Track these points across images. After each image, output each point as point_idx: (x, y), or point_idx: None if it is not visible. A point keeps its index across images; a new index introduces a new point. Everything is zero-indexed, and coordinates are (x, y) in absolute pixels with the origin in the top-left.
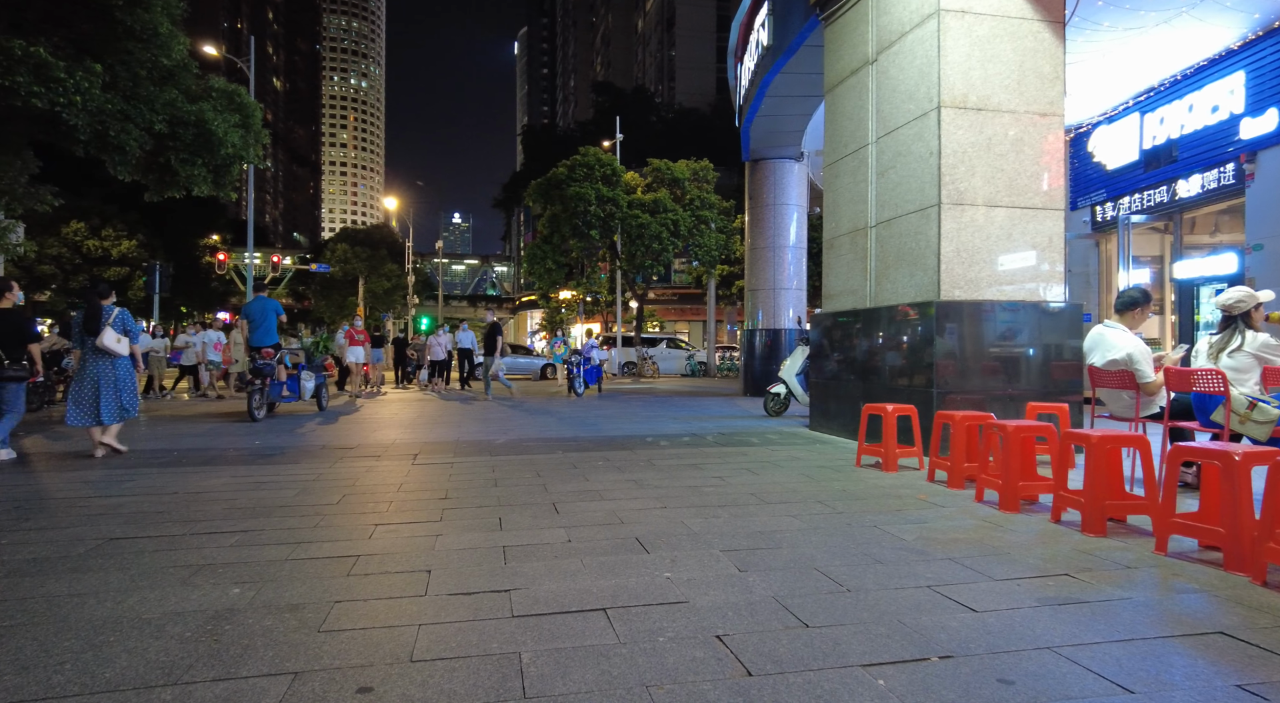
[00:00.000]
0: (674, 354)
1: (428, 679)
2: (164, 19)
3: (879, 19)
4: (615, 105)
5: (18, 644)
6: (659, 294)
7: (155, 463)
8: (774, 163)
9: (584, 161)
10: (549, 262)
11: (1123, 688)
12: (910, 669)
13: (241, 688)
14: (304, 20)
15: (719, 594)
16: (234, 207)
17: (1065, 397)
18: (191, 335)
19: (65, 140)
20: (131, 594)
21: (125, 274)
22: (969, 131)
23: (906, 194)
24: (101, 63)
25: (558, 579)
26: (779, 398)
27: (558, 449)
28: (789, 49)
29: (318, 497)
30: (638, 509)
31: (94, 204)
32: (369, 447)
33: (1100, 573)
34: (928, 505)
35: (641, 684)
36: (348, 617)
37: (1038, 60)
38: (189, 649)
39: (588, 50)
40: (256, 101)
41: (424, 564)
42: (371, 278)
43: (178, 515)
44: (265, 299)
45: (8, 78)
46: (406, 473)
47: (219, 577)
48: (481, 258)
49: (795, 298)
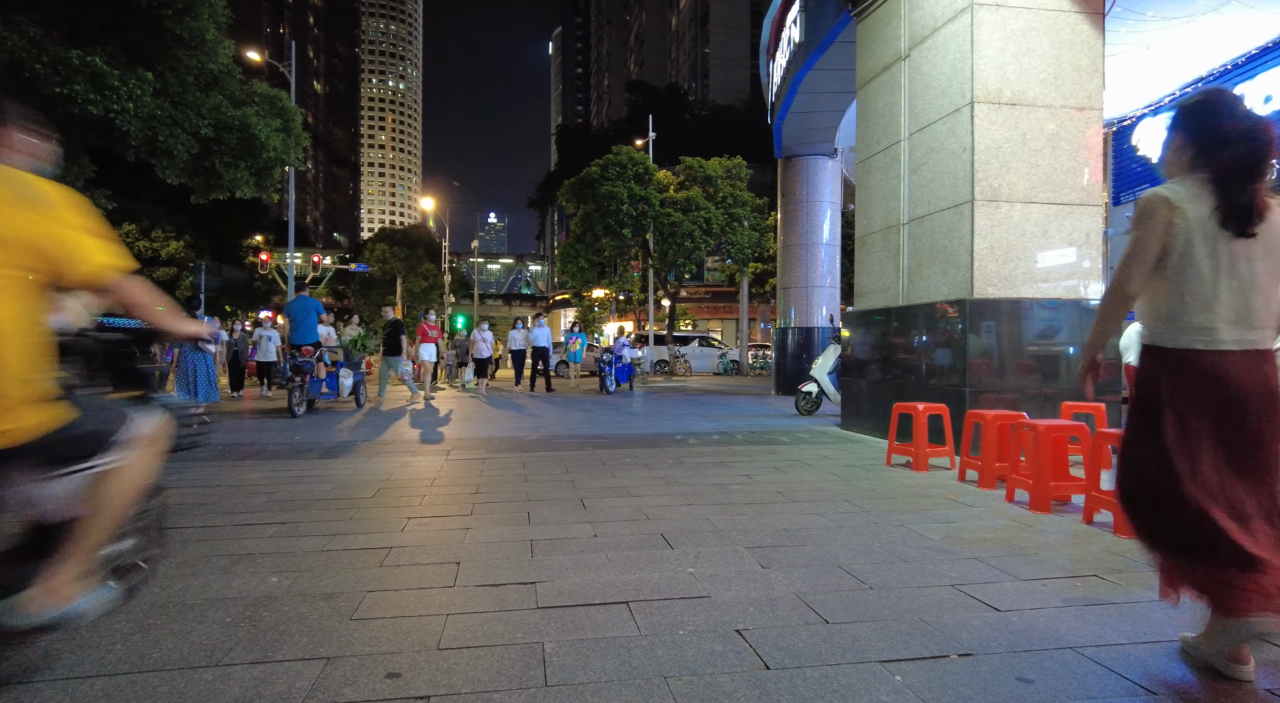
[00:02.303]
0: (706, 352)
1: (454, 667)
2: (210, 26)
3: (911, 14)
4: (649, 103)
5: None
6: (691, 292)
7: (200, 457)
8: (807, 160)
9: (616, 161)
10: (582, 260)
11: (1145, 689)
12: (929, 666)
13: (277, 671)
14: (343, 24)
15: (741, 590)
16: (276, 208)
17: (1102, 396)
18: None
19: (118, 145)
20: (176, 581)
21: (173, 274)
22: (1003, 127)
23: (939, 191)
24: (152, 70)
25: (582, 573)
26: (810, 396)
27: (587, 446)
28: (821, 45)
29: (353, 491)
30: (664, 506)
31: (144, 207)
32: (404, 442)
33: (1130, 575)
34: (956, 505)
35: (660, 675)
36: (379, 606)
37: (1075, 53)
38: (229, 633)
39: (622, 49)
40: (297, 106)
41: (453, 556)
42: (409, 277)
43: (220, 507)
44: (307, 298)
45: (66, 86)
46: (439, 468)
47: (258, 566)
48: (516, 257)
49: (828, 296)
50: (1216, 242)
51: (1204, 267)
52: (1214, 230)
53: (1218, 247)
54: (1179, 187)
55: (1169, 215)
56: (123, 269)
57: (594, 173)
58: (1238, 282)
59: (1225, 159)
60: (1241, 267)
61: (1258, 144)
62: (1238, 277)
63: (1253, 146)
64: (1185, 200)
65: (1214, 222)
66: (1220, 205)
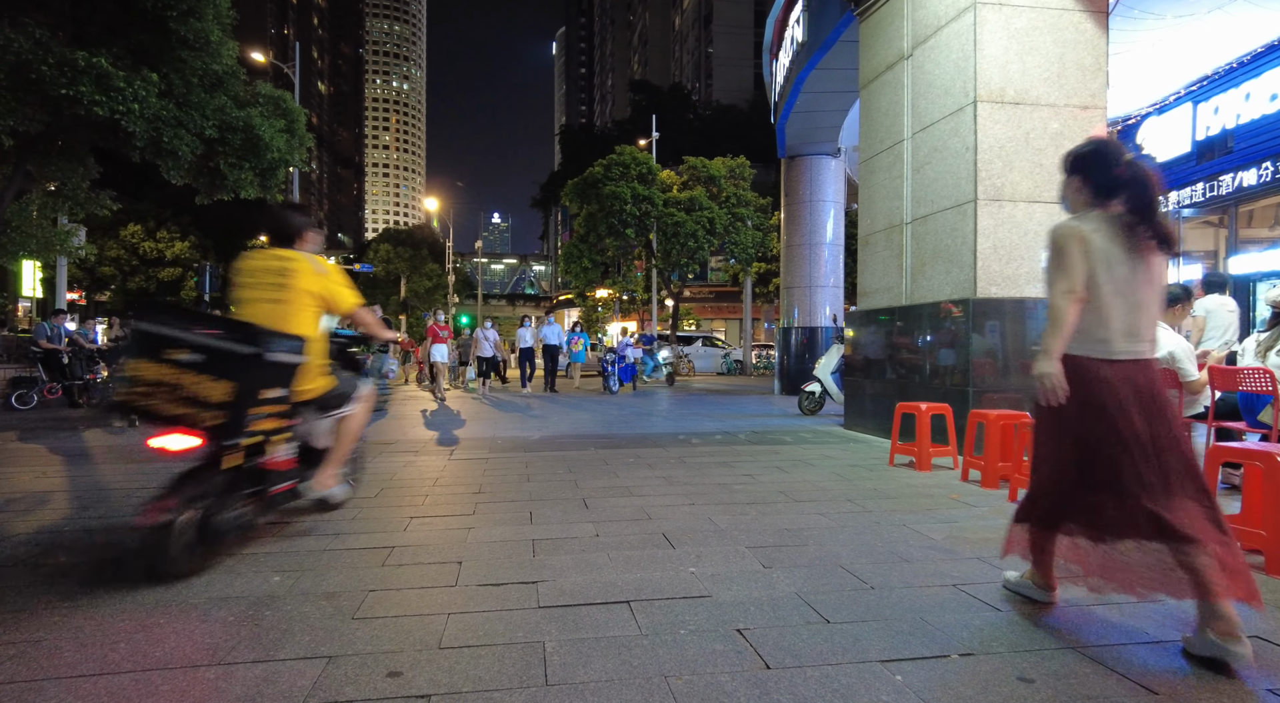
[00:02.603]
0: (710, 352)
1: (454, 665)
2: (215, 28)
3: (914, 13)
4: (652, 103)
5: (77, 624)
6: (695, 292)
7: None
8: (810, 159)
9: (620, 161)
10: (585, 260)
11: (1147, 690)
12: (929, 666)
13: (279, 670)
14: (348, 25)
15: (742, 589)
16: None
17: None
18: None
19: (123, 146)
20: (179, 580)
21: (178, 275)
22: (1006, 126)
23: (942, 190)
24: (157, 71)
25: (584, 572)
26: (814, 396)
27: (590, 446)
28: (824, 45)
29: (357, 490)
30: (666, 506)
31: (150, 207)
32: (408, 442)
33: None
34: (959, 505)
35: (660, 675)
36: (381, 605)
37: (1079, 52)
38: (232, 632)
39: (625, 49)
40: (301, 107)
41: (456, 556)
42: (413, 277)
43: None
44: None
45: (72, 88)
46: (443, 468)
47: (261, 565)
48: (520, 257)
49: (832, 295)
50: (1112, 267)
51: (1104, 288)
52: (1110, 257)
53: (1113, 271)
54: (1084, 221)
55: (1082, 244)
56: (359, 304)
57: (597, 173)
58: (1127, 301)
59: (1121, 199)
60: (1130, 289)
61: (1145, 187)
62: (1127, 297)
63: (1142, 189)
64: (1090, 232)
65: (1112, 250)
66: (1121, 237)
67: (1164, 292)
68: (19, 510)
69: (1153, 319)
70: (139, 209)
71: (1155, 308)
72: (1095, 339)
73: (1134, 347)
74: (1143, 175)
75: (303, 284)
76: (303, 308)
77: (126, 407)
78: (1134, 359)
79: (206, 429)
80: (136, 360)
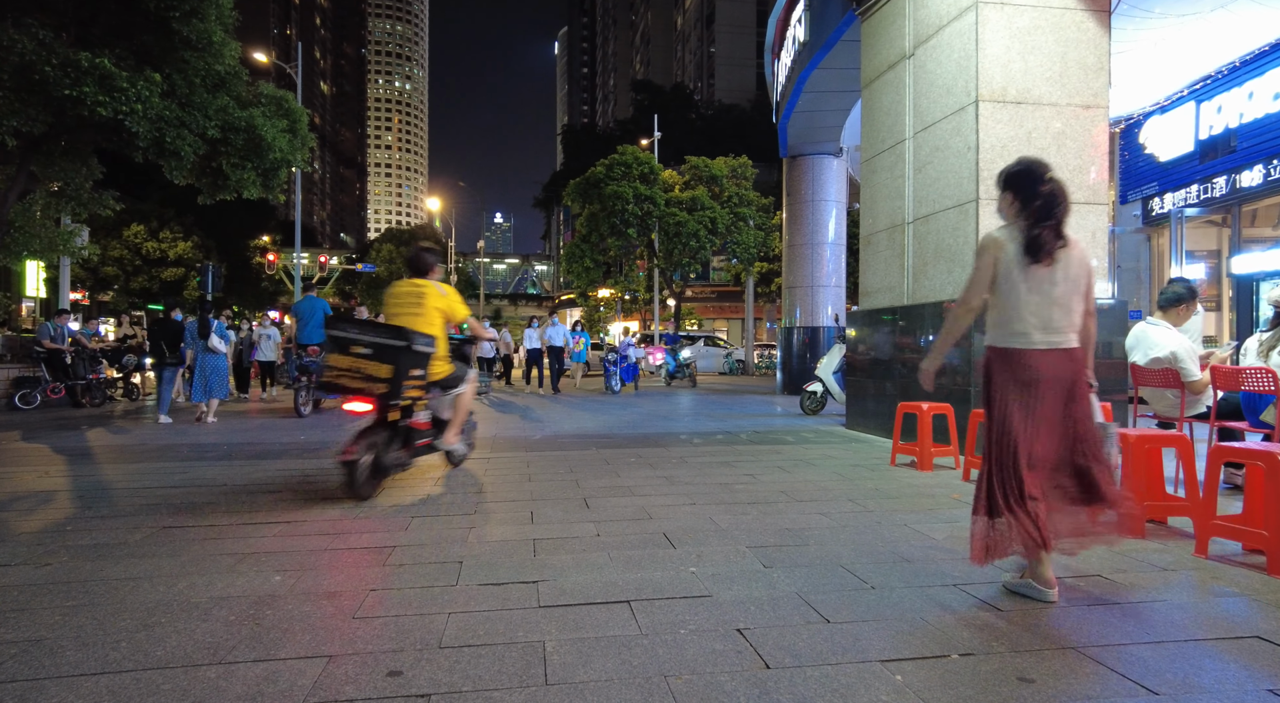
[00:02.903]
0: (712, 352)
1: (454, 665)
2: (217, 28)
3: (916, 12)
4: (654, 103)
5: (79, 623)
6: (697, 292)
7: (207, 457)
8: (812, 159)
9: (622, 160)
10: (587, 260)
11: (1147, 689)
12: (930, 665)
13: (280, 669)
14: (350, 25)
15: (742, 589)
16: (284, 208)
17: (1109, 396)
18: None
19: (126, 147)
20: (181, 579)
21: (181, 275)
22: (1008, 126)
23: (944, 190)
24: (160, 72)
25: (584, 572)
26: (815, 396)
27: (592, 446)
28: (826, 44)
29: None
30: (667, 505)
31: (152, 207)
32: None
33: (1135, 575)
34: (960, 505)
35: (660, 674)
36: (381, 605)
37: (1081, 51)
38: (233, 632)
39: (627, 49)
40: (303, 107)
41: (456, 555)
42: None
43: (226, 507)
44: (314, 298)
45: (75, 88)
46: (444, 468)
47: (262, 565)
48: (522, 257)
49: (834, 295)
50: (1026, 269)
51: (1019, 288)
52: (1023, 261)
53: (1027, 273)
54: (1005, 230)
55: (996, 251)
56: (469, 315)
57: (599, 173)
58: (1042, 298)
59: (1030, 210)
60: (1045, 287)
61: (1052, 199)
62: (1042, 294)
63: (1048, 201)
64: (1007, 240)
65: (1022, 255)
66: (1026, 243)
67: (1086, 289)
68: (22, 510)
69: (1068, 313)
70: (142, 209)
71: (1071, 303)
72: (1014, 332)
73: (1050, 338)
74: (1059, 191)
75: (431, 302)
76: (432, 317)
77: (329, 385)
78: (1052, 348)
79: (376, 396)
80: (332, 354)
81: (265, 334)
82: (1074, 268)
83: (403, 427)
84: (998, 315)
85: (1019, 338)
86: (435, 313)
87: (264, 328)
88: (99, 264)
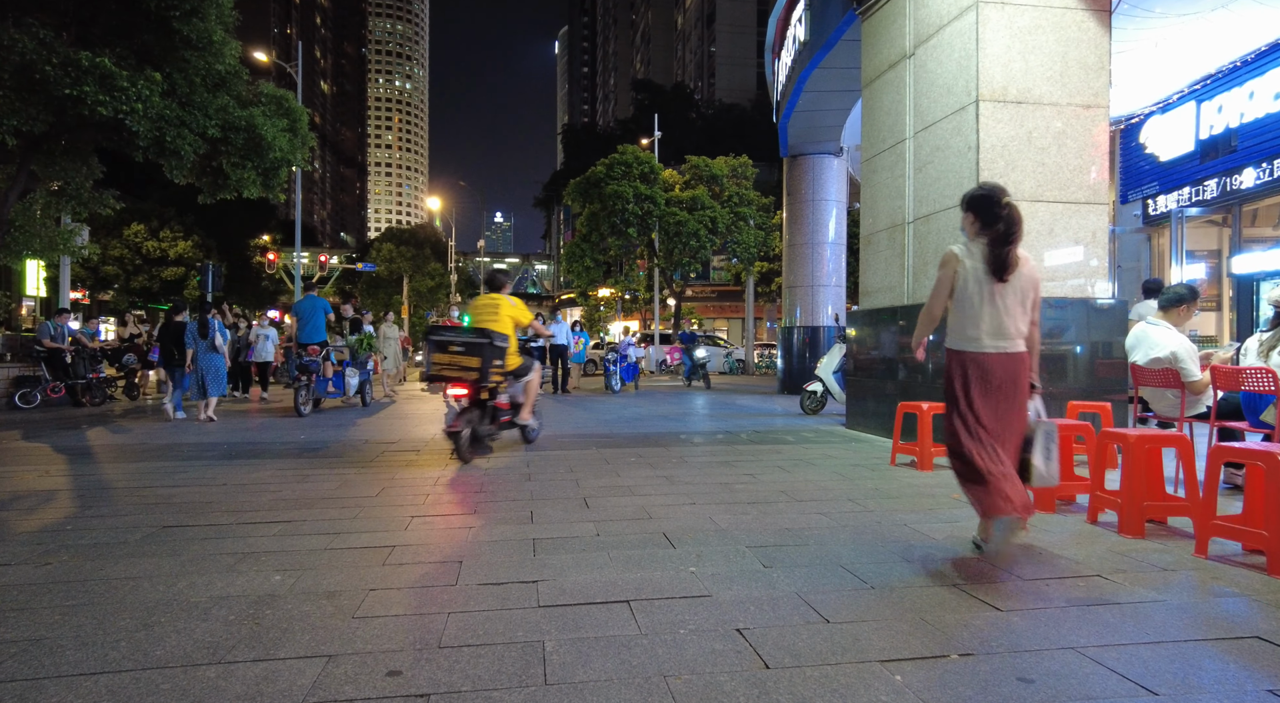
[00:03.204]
0: (712, 352)
1: (454, 665)
2: (218, 28)
3: (916, 12)
4: (655, 103)
5: (78, 622)
6: (697, 292)
7: (207, 456)
8: (812, 158)
9: (622, 160)
10: (587, 259)
11: (1146, 690)
12: (929, 666)
13: (279, 668)
14: (351, 24)
15: (742, 589)
16: (284, 208)
17: (1110, 396)
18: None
19: (126, 146)
20: (181, 579)
21: (181, 274)
22: (1009, 125)
23: (944, 189)
24: (160, 71)
25: (584, 571)
26: (816, 396)
27: (591, 445)
28: (826, 44)
29: (358, 489)
30: (667, 505)
31: (153, 207)
32: (410, 441)
33: (1134, 575)
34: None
35: (660, 674)
36: (381, 604)
37: (1082, 51)
38: (232, 631)
39: (628, 48)
40: (303, 106)
41: (456, 555)
42: (416, 277)
43: (226, 506)
44: (315, 298)
45: (76, 88)
46: (444, 467)
47: (262, 564)
48: (522, 256)
49: (834, 295)
50: (982, 283)
51: (975, 299)
52: (980, 275)
53: (983, 286)
54: (964, 246)
55: (956, 265)
56: (533, 318)
57: (599, 172)
58: (994, 309)
59: (990, 232)
60: (998, 300)
61: (1011, 223)
62: (994, 306)
63: (1008, 225)
64: (966, 256)
65: (982, 269)
66: (987, 260)
67: (1033, 302)
68: (22, 509)
69: (1015, 322)
70: (142, 208)
71: (1019, 314)
72: (968, 337)
73: (999, 343)
74: (1016, 215)
75: (504, 311)
76: (505, 322)
77: (435, 376)
78: (999, 352)
79: (470, 382)
80: (434, 353)
81: (263, 334)
82: (1023, 283)
83: (490, 406)
84: (956, 322)
85: (973, 342)
86: (507, 318)
87: (262, 328)
88: (99, 263)
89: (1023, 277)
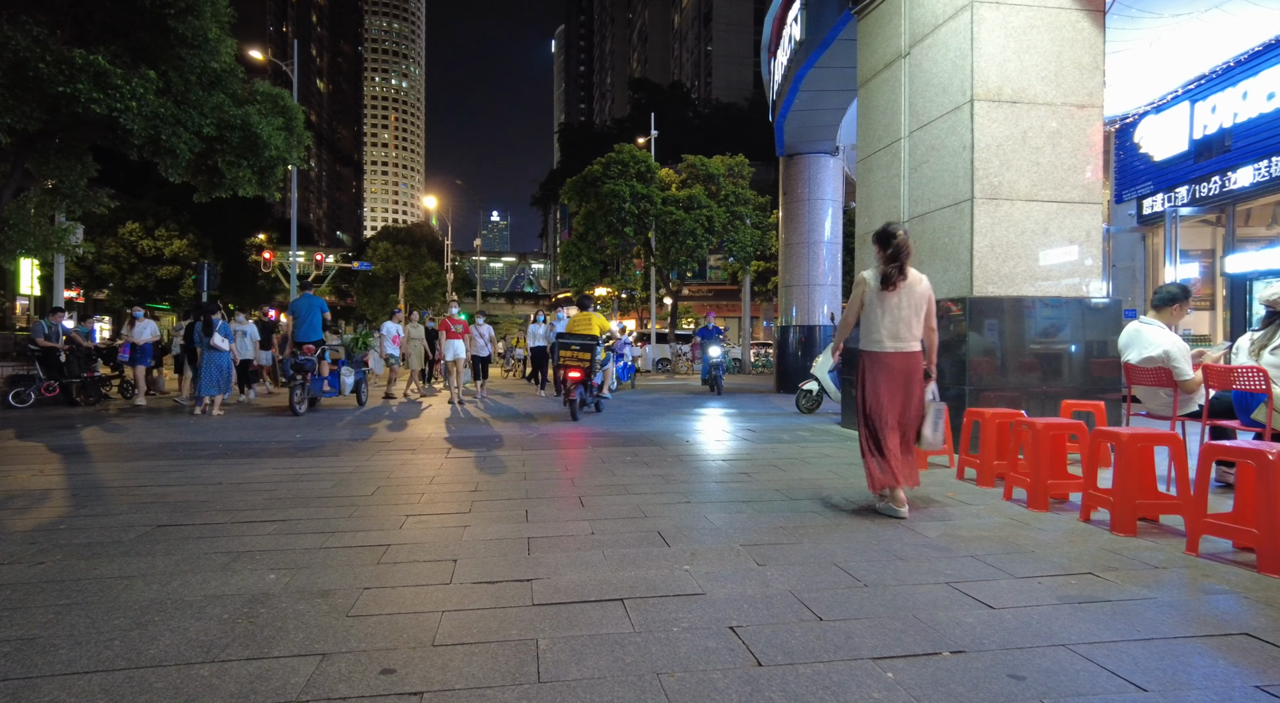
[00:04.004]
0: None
1: (448, 663)
2: (213, 25)
3: (912, 12)
4: (652, 102)
5: (72, 621)
6: (694, 290)
7: (202, 455)
8: (809, 157)
9: (619, 159)
10: (584, 258)
11: (1136, 686)
12: (921, 663)
13: (273, 667)
14: (347, 23)
15: (736, 587)
16: (280, 206)
17: (1104, 395)
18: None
19: (121, 144)
20: (175, 578)
21: (177, 273)
22: (1004, 125)
23: (940, 189)
24: (155, 69)
25: (579, 570)
26: (811, 395)
27: (587, 444)
28: (822, 43)
29: (353, 488)
30: (662, 504)
31: (148, 205)
32: (405, 440)
33: (1126, 572)
34: (954, 503)
35: (653, 672)
36: (375, 603)
37: (1076, 51)
38: (226, 630)
39: (625, 47)
40: (299, 104)
41: (451, 554)
42: (412, 275)
43: (221, 505)
44: (311, 297)
45: (70, 86)
46: (439, 466)
47: (257, 563)
48: (519, 255)
49: (830, 294)
50: (880, 295)
51: (876, 309)
52: (879, 290)
53: (881, 298)
54: (871, 270)
55: (864, 284)
56: (609, 328)
57: (596, 171)
58: (891, 317)
59: (886, 255)
60: (893, 309)
61: (899, 249)
62: (891, 314)
63: (896, 250)
64: (870, 277)
65: (879, 286)
66: (881, 277)
67: (927, 312)
68: (15, 508)
69: (911, 327)
70: (137, 207)
71: (913, 321)
72: (873, 340)
73: (897, 345)
74: (904, 244)
75: (595, 324)
76: (595, 331)
77: (564, 365)
78: (897, 352)
79: (584, 369)
80: (563, 351)
81: (241, 330)
82: (915, 296)
83: (591, 384)
84: (864, 328)
85: (876, 344)
86: (596, 328)
87: (239, 324)
88: (94, 262)
89: (916, 292)
